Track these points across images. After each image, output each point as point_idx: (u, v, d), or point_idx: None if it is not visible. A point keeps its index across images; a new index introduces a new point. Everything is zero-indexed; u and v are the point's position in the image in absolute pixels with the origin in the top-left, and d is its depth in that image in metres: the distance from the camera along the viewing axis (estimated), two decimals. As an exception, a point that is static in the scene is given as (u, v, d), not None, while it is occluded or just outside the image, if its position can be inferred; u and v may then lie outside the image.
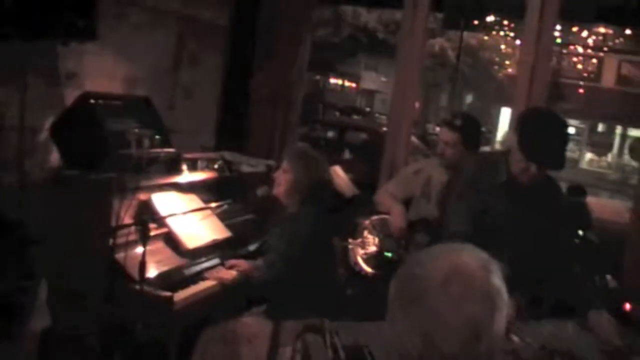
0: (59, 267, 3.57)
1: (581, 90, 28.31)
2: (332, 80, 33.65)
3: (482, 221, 3.49)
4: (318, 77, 29.58)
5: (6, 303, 1.17)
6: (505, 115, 34.17)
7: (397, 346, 1.54)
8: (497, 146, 30.85)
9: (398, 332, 1.55)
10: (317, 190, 4.02)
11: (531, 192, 3.48)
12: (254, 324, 3.83)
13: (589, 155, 33.24)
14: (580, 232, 4.96)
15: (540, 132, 3.40)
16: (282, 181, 4.05)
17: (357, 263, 4.69)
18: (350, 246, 4.73)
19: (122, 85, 4.77)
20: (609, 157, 32.72)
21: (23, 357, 1.27)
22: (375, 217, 4.76)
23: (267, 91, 6.06)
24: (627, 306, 4.75)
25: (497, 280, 1.57)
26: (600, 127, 33.45)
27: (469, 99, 33.68)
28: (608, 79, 28.74)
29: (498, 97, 30.02)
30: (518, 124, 3.53)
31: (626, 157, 31.26)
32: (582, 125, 35.38)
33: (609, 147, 32.40)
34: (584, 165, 32.40)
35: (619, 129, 32.19)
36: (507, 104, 31.43)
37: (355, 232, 4.84)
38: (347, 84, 35.59)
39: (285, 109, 6.13)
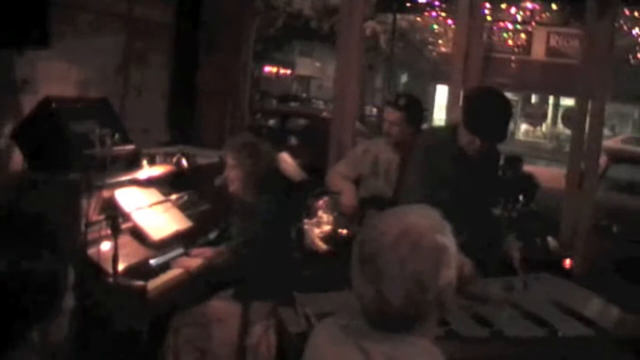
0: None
1: (513, 65, 28.98)
2: (267, 68, 33.63)
3: (438, 194, 3.65)
4: (253, 66, 29.58)
5: (48, 282, 1.32)
6: (441, 93, 34.78)
7: (357, 300, 1.77)
8: (436, 123, 31.41)
9: (356, 287, 1.77)
10: (269, 178, 4.20)
11: (478, 162, 3.72)
12: (223, 306, 4.06)
13: (524, 127, 33.96)
14: (521, 197, 5.32)
15: (484, 109, 3.63)
16: (233, 178, 4.21)
17: (313, 242, 4.90)
18: (305, 227, 4.93)
19: (76, 88, 4.87)
20: (544, 127, 33.49)
21: (57, 335, 1.42)
22: (327, 198, 4.97)
23: (213, 84, 6.21)
24: (567, 262, 5.15)
25: (445, 239, 1.77)
26: (534, 99, 34.19)
27: (403, 79, 34.06)
28: (538, 52, 29.46)
29: (433, 76, 30.45)
30: (463, 102, 3.84)
31: (560, 126, 32.09)
32: (515, 98, 36.12)
33: (543, 118, 33.16)
34: (520, 136, 33.10)
35: (551, 100, 32.90)
36: (442, 82, 32.04)
37: (309, 213, 5.06)
38: (282, 71, 35.64)
39: (232, 100, 6.29)
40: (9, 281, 1.31)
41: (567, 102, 32.65)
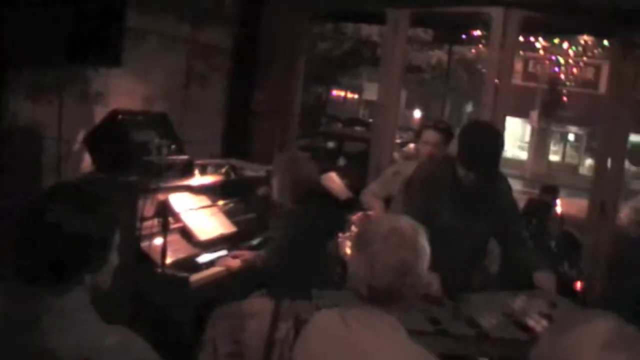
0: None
1: (579, 98, 28.88)
2: (335, 92, 34.03)
3: (429, 221, 4.09)
4: (320, 89, 30.00)
5: (100, 239, 1.80)
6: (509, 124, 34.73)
7: (353, 275, 2.27)
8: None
9: (353, 265, 2.28)
10: (307, 190, 4.54)
11: (477, 192, 3.96)
12: (257, 303, 4.44)
13: (588, 161, 33.62)
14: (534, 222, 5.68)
15: (472, 143, 3.90)
16: (274, 184, 4.62)
17: (345, 253, 5.32)
18: (339, 239, 5.35)
19: (142, 103, 5.38)
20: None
21: (104, 282, 1.92)
22: (360, 213, 5.39)
23: (267, 105, 6.64)
24: (578, 285, 5.49)
25: (422, 239, 2.29)
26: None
27: (468, 108, 34.18)
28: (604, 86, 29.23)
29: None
30: (459, 136, 4.01)
31: (625, 162, 31.69)
32: (580, 132, 35.85)
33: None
34: (584, 171, 32.76)
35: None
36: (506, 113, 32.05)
37: (345, 227, 5.48)
38: (349, 95, 36.01)
39: (283, 121, 6.73)
40: (73, 235, 1.85)
41: (635, 138, 32.39)
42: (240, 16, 6.59)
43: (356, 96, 36.07)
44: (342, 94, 35.65)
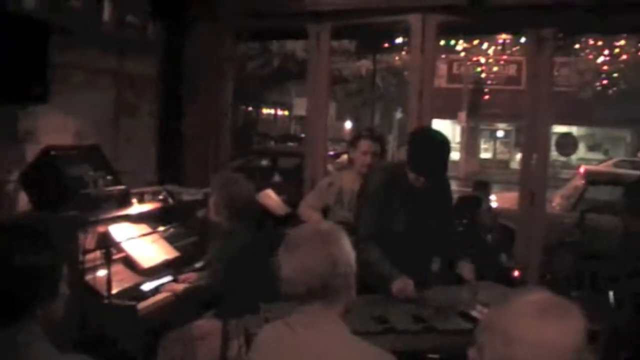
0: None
1: (504, 95, 29.62)
2: (265, 111, 34.16)
3: (388, 223, 4.24)
4: (250, 108, 30.09)
5: (48, 273, 1.88)
6: (435, 126, 35.28)
7: (286, 280, 2.39)
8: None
9: (286, 269, 2.40)
10: (243, 208, 4.58)
11: (427, 194, 4.20)
12: (206, 325, 4.47)
13: (519, 156, 34.35)
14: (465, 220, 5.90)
15: (420, 150, 4.13)
16: (211, 204, 4.66)
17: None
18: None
19: (73, 138, 5.41)
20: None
21: (56, 313, 2.01)
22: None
23: (196, 129, 6.71)
24: (516, 273, 5.72)
25: (344, 238, 2.47)
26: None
27: (398, 115, 34.66)
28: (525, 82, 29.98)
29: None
30: (408, 144, 4.26)
31: (554, 153, 32.57)
32: (509, 128, 36.69)
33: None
34: (515, 165, 33.49)
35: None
36: (435, 116, 32.59)
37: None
38: (280, 112, 36.17)
39: (214, 143, 6.79)
40: (22, 271, 1.93)
41: (560, 128, 33.29)
42: (164, 43, 6.65)
43: (286, 113, 36.23)
44: (273, 111, 35.79)
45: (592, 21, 6.17)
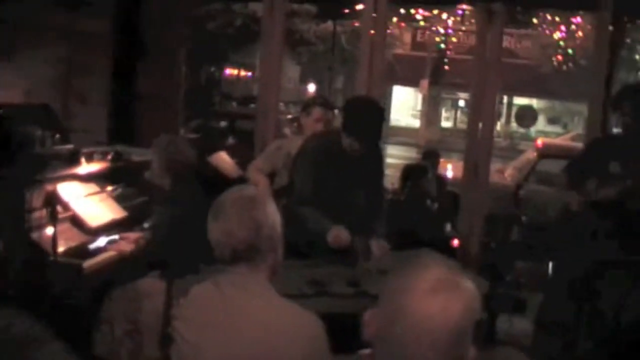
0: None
1: (466, 65, 29.74)
2: (229, 71, 33.85)
3: (321, 186, 4.36)
4: (213, 68, 29.80)
5: None
6: (397, 94, 35.43)
7: (214, 244, 2.49)
8: (392, 123, 32.13)
9: (213, 233, 2.54)
10: (184, 170, 4.65)
11: (360, 161, 4.33)
12: (150, 283, 4.46)
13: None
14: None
15: (357, 115, 4.27)
16: (154, 167, 4.73)
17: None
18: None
19: (24, 95, 5.43)
20: (498, 126, 34.26)
21: None
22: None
23: (149, 89, 6.70)
24: (455, 242, 5.90)
25: (270, 202, 2.59)
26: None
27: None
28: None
29: (389, 77, 31.02)
30: (343, 109, 4.41)
31: (514, 125, 32.98)
32: (470, 98, 36.85)
33: (497, 116, 33.91)
34: (474, 135, 33.71)
35: (504, 99, 33.65)
36: (396, 83, 32.72)
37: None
38: (243, 73, 35.84)
39: (168, 105, 6.83)
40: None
41: (520, 100, 33.66)
42: (118, 0, 6.62)
43: (250, 74, 35.93)
44: (236, 72, 35.46)
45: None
